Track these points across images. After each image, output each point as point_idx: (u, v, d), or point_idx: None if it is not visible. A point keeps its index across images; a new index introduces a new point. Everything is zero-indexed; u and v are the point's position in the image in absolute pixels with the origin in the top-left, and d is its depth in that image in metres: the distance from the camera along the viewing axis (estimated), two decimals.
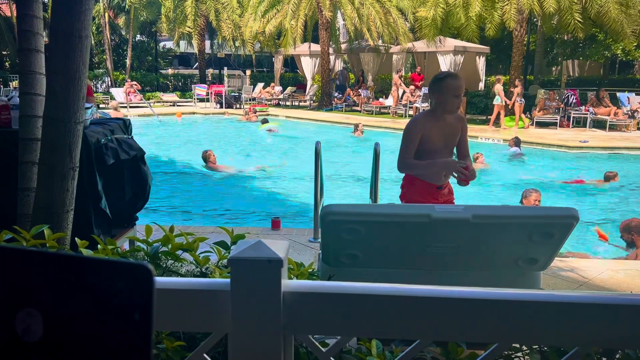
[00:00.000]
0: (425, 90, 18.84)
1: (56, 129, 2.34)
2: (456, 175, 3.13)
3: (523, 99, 15.63)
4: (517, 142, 12.24)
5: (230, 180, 9.64)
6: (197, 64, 29.36)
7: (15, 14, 8.06)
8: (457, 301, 1.04)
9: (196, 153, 10.78)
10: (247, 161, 11.18)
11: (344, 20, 21.64)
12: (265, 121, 16.66)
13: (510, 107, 15.84)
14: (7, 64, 26.18)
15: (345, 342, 1.17)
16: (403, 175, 3.36)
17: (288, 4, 20.90)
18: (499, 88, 15.45)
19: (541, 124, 15.66)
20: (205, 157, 9.99)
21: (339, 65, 24.92)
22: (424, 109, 18.14)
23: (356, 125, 15.05)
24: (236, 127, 17.21)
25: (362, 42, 22.28)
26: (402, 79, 21.72)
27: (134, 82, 22.38)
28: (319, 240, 4.32)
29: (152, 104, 20.85)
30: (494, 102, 15.61)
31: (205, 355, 1.13)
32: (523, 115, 15.66)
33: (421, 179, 3.26)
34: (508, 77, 17.88)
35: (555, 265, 4.26)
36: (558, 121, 15.65)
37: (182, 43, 27.75)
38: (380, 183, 5.36)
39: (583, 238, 6.24)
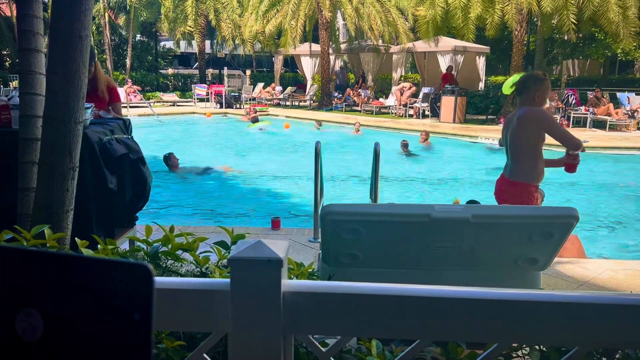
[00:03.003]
0: (425, 90, 18.84)
1: (56, 129, 2.34)
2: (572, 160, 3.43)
3: None
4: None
5: (230, 181, 9.64)
6: (197, 64, 29.36)
7: (15, 14, 8.06)
8: (457, 301, 1.04)
9: (195, 153, 10.75)
10: (215, 160, 11.05)
11: (344, 20, 21.64)
12: (255, 120, 16.80)
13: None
14: (7, 64, 26.17)
15: (345, 342, 1.17)
16: (512, 176, 3.52)
17: (288, 4, 20.90)
18: None
19: None
20: (167, 161, 9.58)
21: (338, 66, 24.93)
22: (424, 109, 18.15)
23: (356, 128, 15.16)
24: (230, 127, 17.27)
25: (362, 42, 22.27)
26: (403, 78, 21.74)
27: (135, 86, 22.44)
28: (319, 240, 4.32)
29: (152, 104, 20.86)
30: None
31: (205, 355, 1.12)
32: None
33: (534, 183, 3.47)
34: (508, 77, 17.85)
35: (555, 265, 4.26)
36: (558, 121, 15.63)
37: (182, 43, 27.75)
38: (380, 183, 5.36)
39: None
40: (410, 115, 18.50)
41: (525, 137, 3.42)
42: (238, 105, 21.64)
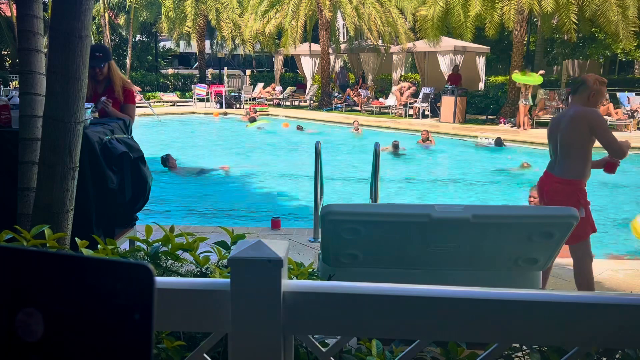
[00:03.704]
0: (425, 89, 18.83)
1: (56, 129, 2.34)
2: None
3: (529, 100, 15.56)
4: (497, 141, 12.46)
5: (230, 181, 9.65)
6: (197, 64, 29.35)
7: (15, 14, 8.07)
8: (457, 301, 1.04)
9: (195, 153, 10.71)
10: (215, 160, 11.05)
11: (344, 20, 21.65)
12: (253, 120, 16.84)
13: None
14: (7, 63, 26.17)
15: (345, 342, 1.17)
16: (565, 176, 3.54)
17: (288, 4, 20.90)
18: None
19: (541, 124, 15.64)
20: (165, 162, 9.61)
21: (338, 66, 24.92)
22: (424, 109, 18.15)
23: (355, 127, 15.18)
24: (230, 127, 17.28)
25: (362, 42, 22.27)
26: (403, 78, 21.73)
27: (135, 86, 22.48)
28: (319, 240, 4.32)
29: (152, 104, 20.86)
30: None
31: (205, 355, 1.12)
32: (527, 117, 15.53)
33: (584, 179, 3.49)
34: (508, 77, 17.86)
35: (555, 265, 4.25)
36: None
37: (182, 43, 27.73)
38: (380, 183, 5.36)
39: None
40: (410, 115, 18.50)
41: (577, 135, 3.42)
42: (238, 105, 21.64)
